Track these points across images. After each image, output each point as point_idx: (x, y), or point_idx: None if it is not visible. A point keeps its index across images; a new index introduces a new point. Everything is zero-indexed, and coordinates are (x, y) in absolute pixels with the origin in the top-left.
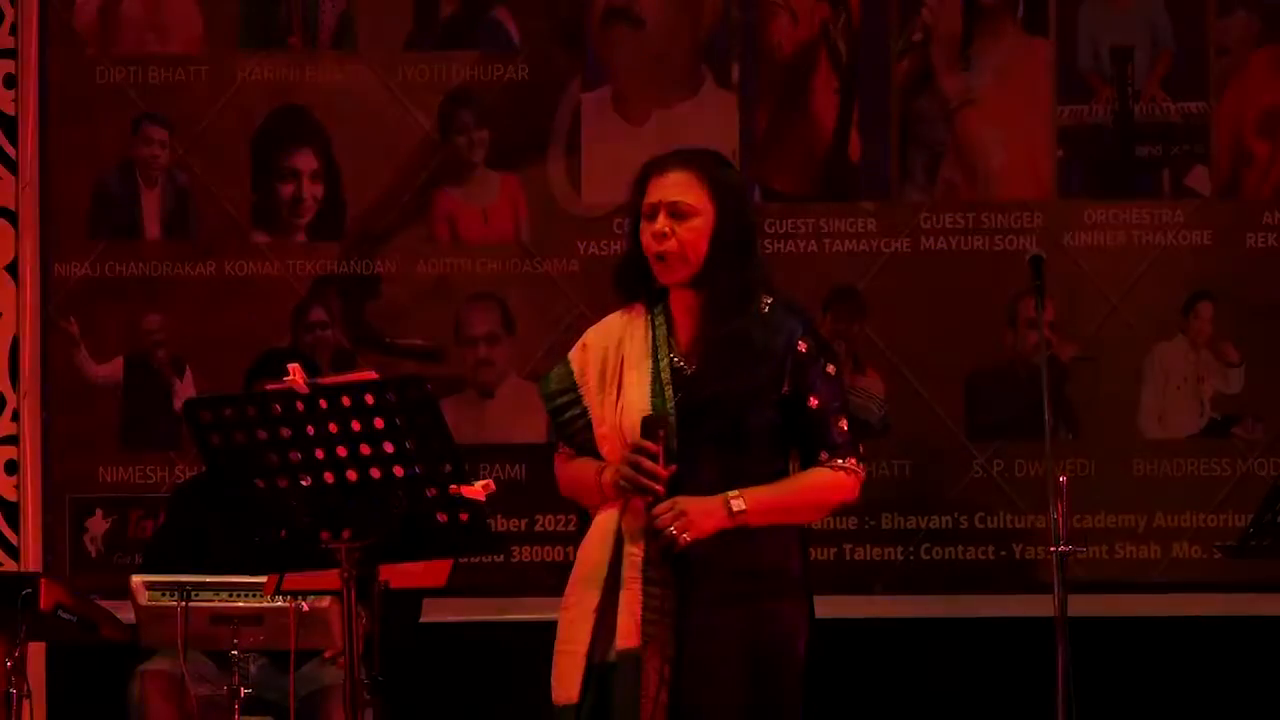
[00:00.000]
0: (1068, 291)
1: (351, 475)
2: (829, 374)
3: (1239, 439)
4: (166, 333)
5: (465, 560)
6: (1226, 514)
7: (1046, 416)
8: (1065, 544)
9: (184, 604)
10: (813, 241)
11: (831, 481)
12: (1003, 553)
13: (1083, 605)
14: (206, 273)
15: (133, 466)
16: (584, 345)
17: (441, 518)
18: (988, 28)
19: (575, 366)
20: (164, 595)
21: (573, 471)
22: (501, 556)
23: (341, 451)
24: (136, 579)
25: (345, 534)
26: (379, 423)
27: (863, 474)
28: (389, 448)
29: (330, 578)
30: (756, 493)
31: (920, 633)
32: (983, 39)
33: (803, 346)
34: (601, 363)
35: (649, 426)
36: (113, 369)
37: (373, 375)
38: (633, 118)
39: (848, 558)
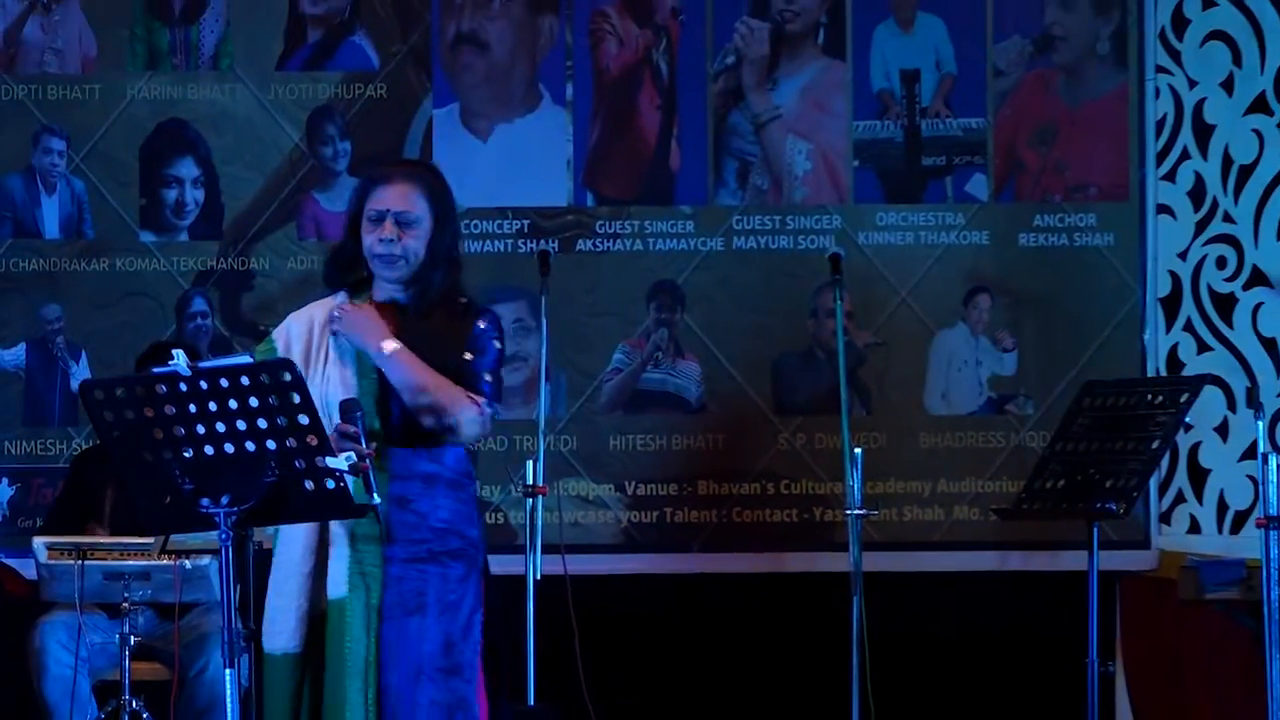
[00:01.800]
0: (862, 285)
1: (229, 448)
2: (493, 345)
3: (1012, 415)
4: (65, 321)
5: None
6: (1001, 481)
7: (843, 395)
8: (860, 508)
9: (80, 562)
10: (638, 241)
11: (463, 396)
12: (805, 515)
13: (875, 562)
14: (100, 268)
15: (34, 440)
16: (286, 327)
17: (309, 486)
18: (792, 52)
19: (279, 345)
20: (63, 554)
21: None
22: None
23: (220, 427)
24: (38, 539)
25: (223, 500)
26: (253, 401)
27: (488, 413)
28: (262, 423)
29: (210, 539)
30: (410, 353)
31: (733, 587)
32: (788, 62)
33: (482, 324)
34: (306, 341)
35: (346, 410)
36: (16, 354)
37: (247, 359)
38: (478, 131)
39: (669, 520)
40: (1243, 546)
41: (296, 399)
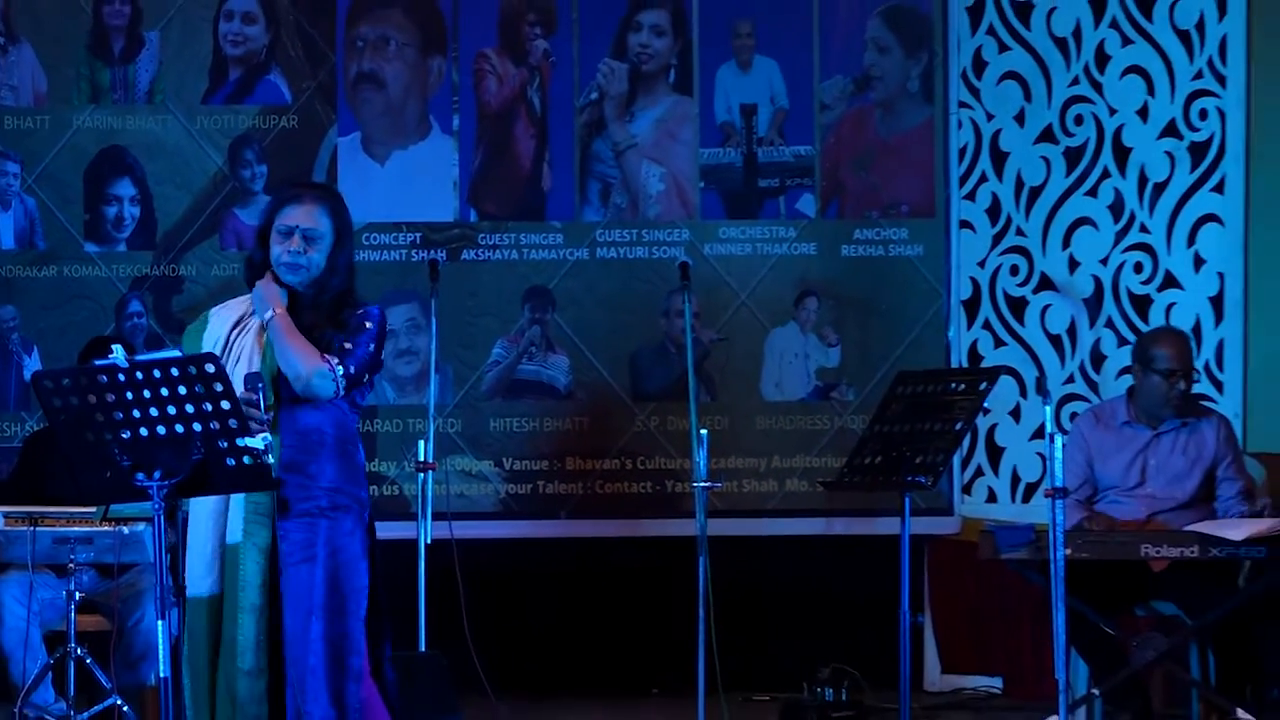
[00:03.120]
0: (707, 289)
1: (161, 430)
2: (365, 328)
3: (835, 401)
4: (19, 320)
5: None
6: (826, 458)
7: (691, 384)
8: (705, 481)
9: (32, 528)
10: (515, 251)
11: (317, 357)
12: (658, 487)
13: (718, 527)
14: (50, 274)
15: None
16: (205, 319)
17: (230, 462)
18: (647, 89)
19: (213, 318)
20: (17, 521)
21: None
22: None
23: (153, 411)
24: None
25: (156, 475)
26: (181, 390)
27: (338, 375)
28: (189, 409)
29: (145, 508)
30: (289, 320)
31: (596, 549)
32: (643, 97)
33: (359, 311)
34: (229, 327)
35: (249, 381)
36: None
37: (177, 354)
38: (377, 157)
39: (540, 491)
40: (1032, 513)
41: (219, 388)
